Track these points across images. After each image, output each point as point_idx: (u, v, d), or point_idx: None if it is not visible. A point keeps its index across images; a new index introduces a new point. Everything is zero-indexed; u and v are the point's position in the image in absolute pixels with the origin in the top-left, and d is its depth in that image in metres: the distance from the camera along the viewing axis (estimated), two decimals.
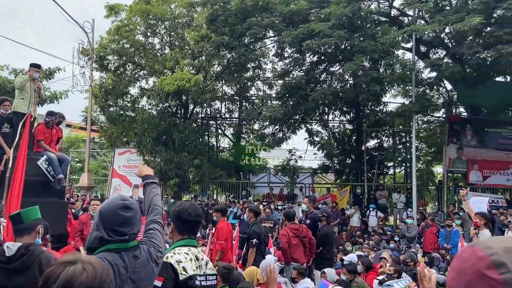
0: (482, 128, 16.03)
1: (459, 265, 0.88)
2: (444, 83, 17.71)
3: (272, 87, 20.22)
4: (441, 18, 12.09)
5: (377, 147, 19.36)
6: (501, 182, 15.66)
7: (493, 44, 11.74)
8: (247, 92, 20.45)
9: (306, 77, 15.35)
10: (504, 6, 10.93)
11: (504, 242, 0.86)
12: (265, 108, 15.15)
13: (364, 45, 12.90)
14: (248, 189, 18.06)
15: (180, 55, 16.23)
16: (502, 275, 0.79)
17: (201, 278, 2.49)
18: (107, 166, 22.53)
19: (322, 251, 7.24)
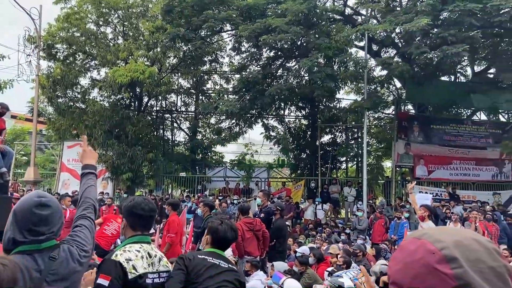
0: (428, 125, 16.86)
1: (405, 258, 0.85)
2: (394, 81, 18.46)
3: (229, 81, 20.15)
4: (391, 18, 12.55)
5: (331, 142, 19.87)
6: (444, 176, 16.59)
7: (439, 45, 12.34)
8: (204, 85, 20.27)
9: (262, 72, 15.41)
10: (450, 9, 11.50)
11: (453, 235, 0.85)
12: (222, 102, 15.05)
13: (319, 42, 13.15)
14: (204, 184, 17.93)
15: (134, 46, 15.76)
16: (453, 270, 0.78)
17: (153, 276, 2.43)
18: (56, 160, 21.54)
19: (275, 244, 7.35)
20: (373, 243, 11.54)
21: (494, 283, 0.78)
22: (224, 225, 2.87)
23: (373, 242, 11.60)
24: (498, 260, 0.82)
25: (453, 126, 16.99)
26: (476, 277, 0.77)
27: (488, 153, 16.78)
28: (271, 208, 7.58)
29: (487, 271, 0.79)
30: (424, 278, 0.80)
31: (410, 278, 0.82)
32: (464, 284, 0.77)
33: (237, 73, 17.87)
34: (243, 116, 16.65)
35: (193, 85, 19.92)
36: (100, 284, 2.19)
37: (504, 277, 0.80)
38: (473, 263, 0.79)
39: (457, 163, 16.61)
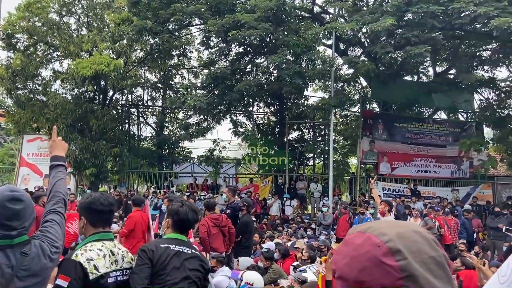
0: (392, 123, 17.34)
1: (351, 252, 0.86)
2: (360, 80, 18.86)
3: (197, 76, 19.95)
4: (358, 18, 12.80)
5: (299, 139, 20.08)
6: (406, 173, 17.12)
7: (403, 45, 12.68)
8: (171, 80, 19.97)
9: (231, 67, 15.36)
10: (413, 10, 11.84)
11: (395, 227, 0.87)
12: (190, 97, 14.87)
13: (288, 39, 13.22)
14: (170, 179, 17.70)
15: (98, 38, 15.31)
16: (398, 262, 0.80)
17: (117, 274, 2.37)
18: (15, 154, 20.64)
19: (241, 240, 7.36)
20: (338, 238, 11.79)
21: (435, 271, 0.81)
22: (184, 207, 2.78)
23: (338, 237, 11.84)
24: (437, 250, 0.85)
25: (415, 125, 17.56)
26: (419, 267, 0.80)
27: (447, 151, 17.47)
28: (238, 204, 7.59)
29: (428, 261, 0.82)
30: (370, 271, 0.81)
31: (357, 271, 0.83)
32: (408, 275, 0.79)
33: (206, 68, 17.71)
34: (211, 112, 16.54)
35: (161, 79, 19.59)
36: (58, 285, 2.13)
37: (443, 265, 0.83)
38: (415, 254, 0.81)
39: (418, 160, 17.17)
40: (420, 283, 0.79)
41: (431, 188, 16.79)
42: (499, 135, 16.35)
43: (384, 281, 0.80)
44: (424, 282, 0.79)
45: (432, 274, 0.81)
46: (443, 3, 11.68)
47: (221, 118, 17.83)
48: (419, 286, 0.78)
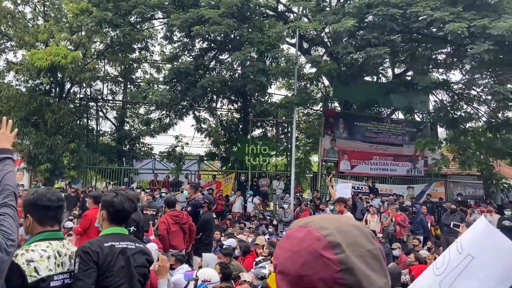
0: (352, 122, 17.77)
1: (293, 246, 0.86)
2: (322, 79, 19.18)
3: (160, 71, 19.59)
4: (321, 18, 13.00)
5: (262, 136, 20.17)
6: (365, 170, 17.61)
7: (364, 46, 13.00)
8: (133, 74, 19.50)
9: (195, 63, 15.19)
10: (374, 12, 12.16)
11: (334, 221, 0.89)
12: (152, 92, 14.57)
13: (252, 37, 13.22)
14: (131, 176, 17.30)
15: (55, 28, 14.70)
16: (337, 255, 0.81)
17: (63, 277, 2.23)
18: None
19: (201, 237, 7.31)
20: None
21: (371, 264, 0.84)
22: (119, 197, 2.57)
23: None
24: (373, 243, 0.87)
25: (374, 124, 18.09)
26: (357, 260, 0.82)
27: (404, 150, 18.11)
28: (199, 200, 7.53)
29: (365, 254, 0.84)
30: (311, 264, 0.82)
31: (298, 265, 0.83)
32: (346, 268, 0.80)
33: (169, 62, 17.41)
34: (173, 107, 16.28)
35: (121, 73, 19.08)
36: None
37: (379, 258, 0.86)
38: (353, 248, 0.83)
39: (377, 158, 17.70)
40: (357, 275, 0.80)
41: (388, 185, 17.37)
42: (451, 135, 17.13)
43: (323, 274, 0.81)
44: (360, 275, 0.81)
45: (369, 266, 0.83)
46: (402, 6, 12.06)
47: (184, 114, 17.60)
48: (356, 278, 0.80)
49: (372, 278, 0.82)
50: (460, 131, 16.45)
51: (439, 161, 15.58)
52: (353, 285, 0.80)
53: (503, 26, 10.58)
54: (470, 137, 16.29)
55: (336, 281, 0.80)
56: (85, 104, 18.64)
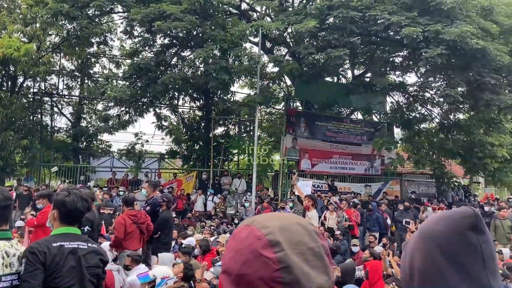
0: (313, 122, 18.08)
1: (236, 245, 0.86)
2: (284, 78, 19.36)
3: (119, 66, 19.05)
4: (283, 18, 13.11)
5: (224, 135, 20.13)
6: (325, 169, 17.97)
7: (325, 47, 13.26)
8: (90, 68, 18.84)
9: (156, 59, 14.87)
10: (334, 14, 12.41)
11: (279, 220, 0.89)
12: (110, 87, 14.14)
13: (215, 34, 13.13)
14: (87, 174, 16.73)
15: (8, 19, 14.00)
16: (276, 253, 0.81)
17: (12, 278, 2.15)
18: None
19: (160, 236, 7.20)
20: None
21: (312, 262, 0.84)
22: (71, 196, 2.49)
23: None
24: (317, 241, 0.88)
25: (334, 124, 18.49)
26: (296, 258, 0.82)
27: (362, 149, 18.64)
28: (157, 199, 7.40)
29: (306, 252, 0.84)
30: (251, 263, 0.82)
31: (239, 264, 0.83)
32: (285, 266, 0.81)
33: (129, 58, 16.96)
34: (133, 104, 15.89)
35: (78, 68, 18.40)
36: None
37: (321, 256, 0.87)
38: (294, 246, 0.84)
39: (336, 157, 18.10)
40: (295, 273, 0.80)
41: (347, 184, 17.83)
42: (406, 135, 17.80)
43: (262, 273, 0.81)
44: (299, 273, 0.81)
45: (309, 264, 0.83)
46: (361, 9, 12.38)
47: (144, 111, 17.19)
48: (294, 276, 0.80)
49: (311, 276, 0.82)
50: (415, 131, 17.12)
51: (395, 160, 16.16)
52: (291, 283, 0.80)
53: (455, 31, 11.11)
54: (424, 138, 17.00)
55: (274, 279, 0.80)
56: (39, 99, 17.83)
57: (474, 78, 12.64)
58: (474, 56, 12.24)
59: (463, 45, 11.38)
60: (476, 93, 13.18)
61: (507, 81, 13.24)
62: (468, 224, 0.87)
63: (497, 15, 12.98)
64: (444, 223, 0.90)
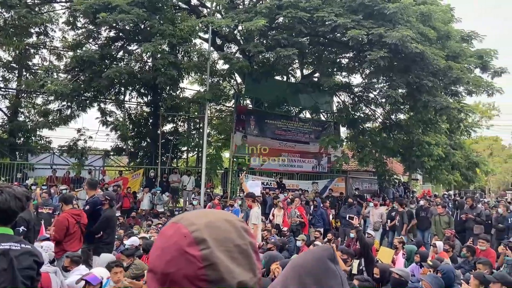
0: (263, 120, 18.24)
1: (163, 243, 0.85)
2: (235, 76, 19.37)
3: (60, 59, 18.08)
4: (233, 15, 13.10)
5: (173, 131, 19.78)
6: (274, 167, 18.20)
7: (274, 46, 13.42)
8: (29, 60, 17.76)
9: (100, 52, 14.30)
10: (284, 14, 12.59)
11: (207, 217, 0.88)
12: (50, 80, 13.39)
13: (163, 29, 12.85)
14: (25, 171, 15.76)
15: None
16: (201, 251, 0.80)
17: None
18: None
19: (102, 236, 6.93)
20: None
21: (238, 259, 0.84)
22: (4, 194, 2.36)
23: None
24: (245, 238, 0.88)
25: (283, 122, 18.78)
26: (222, 256, 0.82)
27: (310, 147, 19.08)
28: (99, 198, 7.11)
29: (233, 249, 0.84)
30: (176, 261, 0.81)
31: (165, 262, 0.82)
32: (210, 264, 0.80)
33: (71, 50, 16.15)
34: (76, 98, 15.15)
35: (16, 59, 17.26)
36: None
37: (248, 253, 0.87)
38: (220, 243, 0.83)
39: (285, 155, 18.39)
40: (220, 270, 0.80)
41: (295, 181, 18.17)
42: (351, 134, 18.47)
43: (186, 271, 0.80)
44: (224, 270, 0.81)
45: (235, 262, 0.83)
46: (309, 10, 12.65)
47: (88, 106, 16.44)
48: (219, 273, 0.80)
49: (236, 273, 0.82)
50: (359, 130, 17.79)
51: (340, 158, 16.70)
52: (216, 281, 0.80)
53: (396, 35, 11.66)
54: (367, 137, 17.70)
55: (199, 277, 0.80)
56: None
57: (413, 80, 13.35)
58: (413, 60, 12.93)
59: (403, 48, 11.97)
60: (415, 94, 13.92)
61: (443, 84, 14.09)
62: (328, 255, 0.99)
63: (434, 21, 13.77)
64: (311, 255, 1.02)
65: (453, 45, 14.39)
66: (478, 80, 14.77)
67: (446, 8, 15.58)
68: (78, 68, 14.12)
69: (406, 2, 12.35)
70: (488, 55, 15.04)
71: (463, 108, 14.85)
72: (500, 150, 46.10)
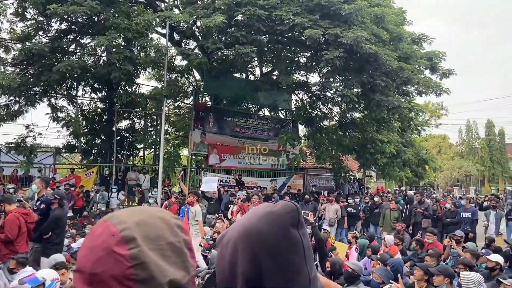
0: (222, 117, 18.19)
1: (91, 242, 0.82)
2: (193, 72, 19.15)
3: (8, 51, 17.05)
4: (191, 11, 12.94)
5: (129, 128, 19.28)
6: (233, 164, 18.23)
7: (233, 43, 13.38)
8: None
9: (51, 45, 13.66)
10: (242, 11, 12.59)
11: (139, 214, 0.86)
12: None
13: (118, 22, 12.48)
14: None
15: None
16: (129, 250, 0.78)
17: None
18: None
19: (51, 236, 6.66)
20: None
21: (170, 257, 0.83)
22: None
23: None
24: (178, 235, 0.86)
25: (242, 120, 18.82)
26: (152, 254, 0.80)
27: (269, 145, 19.24)
28: (47, 197, 6.82)
29: (165, 247, 0.83)
30: (104, 261, 0.78)
31: (92, 262, 0.79)
32: (139, 263, 0.78)
33: (19, 42, 15.29)
34: (24, 93, 14.38)
35: None
36: None
37: (181, 251, 0.85)
38: (151, 241, 0.81)
39: (244, 152, 18.45)
40: (149, 269, 0.79)
41: (254, 178, 18.28)
42: (309, 132, 18.81)
43: (115, 271, 0.78)
44: (154, 269, 0.79)
45: (166, 260, 0.82)
46: (268, 9, 12.73)
47: (37, 101, 15.63)
48: (148, 272, 0.78)
49: (167, 271, 0.81)
50: (317, 128, 18.14)
51: (298, 156, 16.97)
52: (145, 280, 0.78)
53: (351, 36, 11.98)
54: (324, 134, 18.11)
55: (127, 277, 0.78)
56: None
57: (368, 80, 13.78)
58: (367, 60, 13.35)
59: (358, 49, 12.32)
60: (369, 94, 14.38)
61: (395, 84, 14.65)
62: (291, 219, 0.88)
63: (387, 23, 14.28)
64: (268, 220, 0.89)
65: (404, 47, 14.99)
66: (427, 81, 15.49)
67: (398, 11, 16.21)
68: (27, 61, 13.44)
69: (360, 3, 12.70)
70: (437, 57, 15.80)
71: (413, 107, 15.53)
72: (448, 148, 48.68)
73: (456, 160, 44.04)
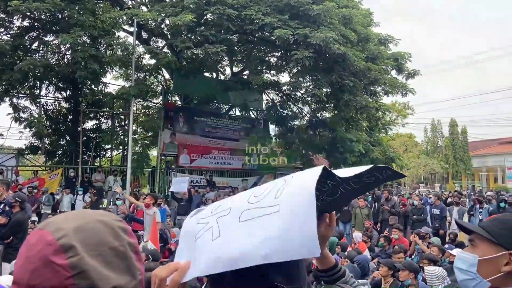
0: (192, 117, 18.01)
1: (26, 252, 0.77)
2: (163, 72, 18.87)
3: None
4: (159, 9, 12.73)
5: (95, 129, 18.79)
6: (204, 164, 18.08)
7: (203, 42, 13.26)
8: None
9: (12, 42, 13.11)
10: (212, 10, 12.50)
11: (78, 220, 0.81)
12: None
13: (83, 19, 12.11)
14: None
15: None
16: (69, 259, 0.74)
17: None
18: None
19: (12, 240, 6.39)
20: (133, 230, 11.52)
21: (113, 263, 0.79)
22: None
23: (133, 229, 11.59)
24: (121, 239, 0.83)
25: (213, 119, 18.71)
26: (93, 261, 0.76)
27: (240, 145, 19.21)
28: (8, 200, 6.54)
29: (107, 252, 0.79)
30: (41, 272, 0.74)
31: (29, 273, 0.75)
32: (79, 272, 0.74)
33: None
34: None
35: None
36: None
37: (125, 255, 0.82)
38: (92, 248, 0.77)
39: (215, 152, 18.35)
40: (91, 277, 0.75)
41: (225, 178, 18.21)
42: (280, 131, 18.91)
43: (53, 282, 0.73)
44: (96, 277, 0.75)
45: (109, 266, 0.78)
46: (237, 8, 12.69)
47: None
48: (89, 281, 0.75)
49: (111, 278, 0.77)
50: (287, 128, 18.28)
51: (269, 155, 17.03)
52: None
53: (320, 36, 12.12)
54: (295, 134, 18.26)
55: (67, 287, 0.74)
56: None
57: (336, 80, 13.99)
58: (336, 60, 13.54)
59: (327, 49, 12.48)
60: (338, 94, 14.61)
61: (363, 84, 14.94)
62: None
63: (355, 24, 14.53)
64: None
65: (371, 48, 15.30)
66: (394, 81, 15.88)
67: (365, 13, 16.53)
68: None
69: (329, 4, 12.87)
70: (403, 58, 16.23)
71: (380, 107, 15.89)
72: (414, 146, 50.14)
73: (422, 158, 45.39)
